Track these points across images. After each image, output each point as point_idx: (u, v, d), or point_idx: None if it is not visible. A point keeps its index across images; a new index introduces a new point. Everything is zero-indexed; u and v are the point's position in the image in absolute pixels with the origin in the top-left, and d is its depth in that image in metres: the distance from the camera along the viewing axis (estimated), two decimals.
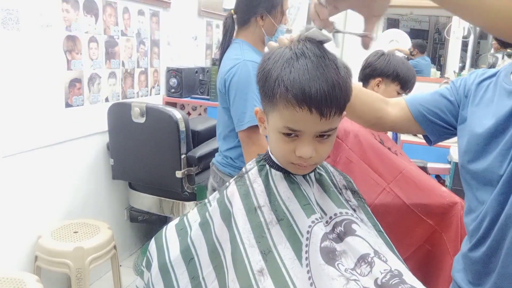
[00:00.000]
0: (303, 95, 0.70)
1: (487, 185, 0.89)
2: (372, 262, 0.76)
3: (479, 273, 0.93)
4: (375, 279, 0.73)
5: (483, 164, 0.89)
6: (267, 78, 0.75)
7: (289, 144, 0.77)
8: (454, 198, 1.37)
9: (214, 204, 0.87)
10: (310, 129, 0.74)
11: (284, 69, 0.73)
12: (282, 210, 0.80)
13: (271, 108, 0.77)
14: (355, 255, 0.77)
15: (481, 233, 0.91)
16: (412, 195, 1.34)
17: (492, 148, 0.88)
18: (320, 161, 0.83)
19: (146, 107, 2.11)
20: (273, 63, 0.75)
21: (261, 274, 0.74)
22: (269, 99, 0.76)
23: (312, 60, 0.73)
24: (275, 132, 0.78)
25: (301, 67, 0.72)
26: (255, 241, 0.78)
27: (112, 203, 2.51)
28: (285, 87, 0.72)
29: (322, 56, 0.74)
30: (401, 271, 0.75)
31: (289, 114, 0.73)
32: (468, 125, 0.96)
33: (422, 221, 1.43)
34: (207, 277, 0.82)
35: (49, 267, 1.88)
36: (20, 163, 1.87)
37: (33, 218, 1.98)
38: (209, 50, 3.41)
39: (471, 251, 0.95)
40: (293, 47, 0.76)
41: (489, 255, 0.90)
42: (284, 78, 0.72)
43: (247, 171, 0.87)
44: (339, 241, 0.79)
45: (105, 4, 2.24)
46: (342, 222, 0.81)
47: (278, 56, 0.76)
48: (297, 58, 0.73)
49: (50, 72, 1.96)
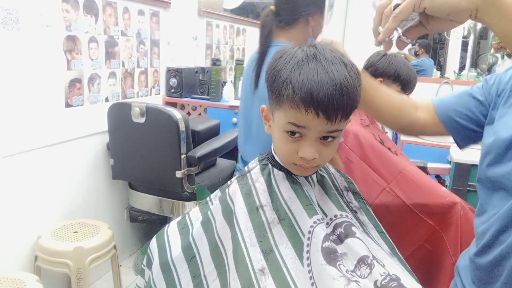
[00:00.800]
0: (310, 99, 0.71)
1: (504, 191, 0.85)
2: (372, 264, 0.76)
3: (483, 280, 0.91)
4: (375, 281, 0.74)
5: (503, 169, 0.85)
6: (276, 78, 0.76)
7: (293, 144, 0.77)
8: (454, 198, 1.37)
9: (216, 202, 0.87)
10: (314, 131, 0.74)
11: (293, 71, 0.73)
12: (284, 210, 0.80)
13: (277, 107, 0.77)
14: (355, 257, 0.77)
15: (488, 238, 0.88)
16: (412, 195, 1.34)
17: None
18: (322, 164, 0.84)
19: (146, 107, 2.11)
20: (284, 64, 0.75)
21: (262, 273, 0.74)
22: (276, 98, 0.76)
23: (323, 64, 0.73)
24: (280, 130, 0.78)
25: (311, 70, 0.72)
26: (256, 240, 0.78)
27: (112, 203, 2.51)
28: (293, 89, 0.72)
29: (332, 60, 0.74)
30: (399, 276, 0.75)
31: (294, 115, 0.73)
32: (495, 126, 0.91)
33: (422, 221, 1.43)
34: (209, 275, 0.82)
35: (49, 267, 1.88)
36: (20, 163, 1.87)
37: (33, 218, 1.98)
38: (209, 50, 3.41)
39: (477, 256, 0.92)
40: (306, 48, 0.76)
41: (495, 265, 0.87)
42: (292, 80, 0.72)
43: (249, 170, 0.88)
44: (339, 243, 0.79)
45: (105, 4, 2.24)
46: (342, 224, 0.82)
47: (290, 56, 0.76)
48: (308, 60, 0.73)
49: (50, 72, 1.96)
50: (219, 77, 2.86)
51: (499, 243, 0.85)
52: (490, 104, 0.94)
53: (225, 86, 2.89)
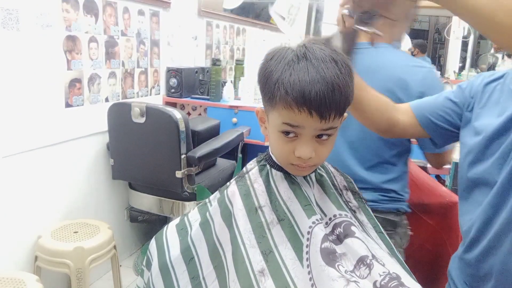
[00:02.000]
0: (302, 98, 0.71)
1: (484, 186, 0.89)
2: (371, 264, 0.76)
3: (473, 276, 0.93)
4: (374, 282, 0.74)
5: (483, 166, 0.89)
6: (268, 79, 0.76)
7: (289, 145, 0.77)
8: (454, 198, 1.37)
9: (215, 203, 0.87)
10: (309, 130, 0.75)
11: (284, 71, 0.73)
12: (283, 210, 0.80)
13: (271, 108, 0.77)
14: (354, 257, 0.77)
15: (474, 233, 0.91)
16: (412, 195, 1.34)
17: (493, 150, 0.88)
18: (320, 162, 0.84)
19: (146, 107, 2.11)
20: (275, 64, 0.75)
21: (262, 274, 0.74)
22: (269, 99, 0.76)
23: (313, 63, 0.73)
24: (275, 131, 0.78)
25: (302, 69, 0.72)
26: (256, 241, 0.78)
27: (112, 203, 2.51)
28: (285, 90, 0.72)
29: (323, 59, 0.74)
30: (399, 274, 0.75)
31: (287, 114, 0.73)
32: (473, 127, 0.95)
33: (422, 221, 1.43)
34: (207, 277, 0.82)
35: (49, 267, 1.88)
36: (20, 163, 1.87)
37: (33, 218, 1.98)
38: (209, 50, 3.41)
39: (465, 253, 0.95)
40: (296, 48, 0.76)
41: (481, 260, 0.89)
42: (284, 81, 0.72)
43: (248, 171, 0.88)
44: (338, 243, 0.79)
45: (105, 4, 2.24)
46: (342, 224, 0.81)
47: (281, 57, 0.76)
48: (298, 60, 0.73)
49: (50, 72, 1.96)
50: (219, 77, 2.86)
51: (484, 236, 0.88)
52: (465, 105, 0.99)
53: (225, 86, 2.89)
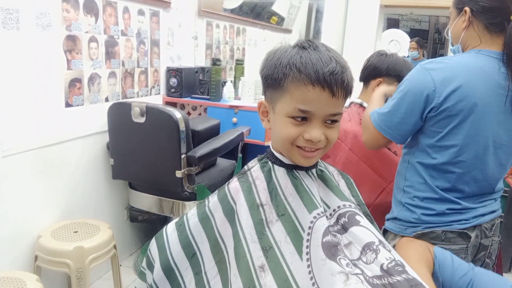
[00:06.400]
0: (316, 74, 0.75)
1: None
2: (378, 249, 0.78)
3: None
4: (381, 265, 0.75)
5: None
6: (276, 66, 0.79)
7: (298, 128, 0.79)
8: None
9: (214, 199, 0.87)
10: (320, 110, 0.77)
11: (294, 56, 0.78)
12: (284, 206, 0.81)
13: (279, 94, 0.79)
14: (360, 244, 0.78)
15: None
16: None
17: None
18: (326, 149, 0.83)
19: (146, 107, 2.11)
20: (283, 53, 0.80)
21: (262, 270, 0.75)
22: (278, 85, 0.79)
23: (320, 50, 0.79)
24: (284, 118, 0.79)
25: (311, 53, 0.78)
26: (256, 236, 0.79)
27: (112, 203, 2.51)
28: (298, 68, 0.76)
29: (327, 48, 0.80)
30: (403, 263, 0.77)
31: (300, 94, 0.76)
32: None
33: None
34: (209, 271, 0.83)
35: (49, 267, 1.88)
36: (20, 163, 1.87)
37: (33, 217, 1.98)
38: (209, 50, 3.41)
39: None
40: (298, 42, 0.81)
41: None
42: (296, 62, 0.77)
43: (249, 168, 0.88)
44: (343, 232, 0.80)
45: (105, 4, 2.24)
46: (346, 214, 0.83)
47: (284, 49, 0.81)
48: (305, 48, 0.79)
49: (50, 72, 1.96)
50: (219, 77, 2.86)
51: None
52: None
53: (225, 86, 2.89)
